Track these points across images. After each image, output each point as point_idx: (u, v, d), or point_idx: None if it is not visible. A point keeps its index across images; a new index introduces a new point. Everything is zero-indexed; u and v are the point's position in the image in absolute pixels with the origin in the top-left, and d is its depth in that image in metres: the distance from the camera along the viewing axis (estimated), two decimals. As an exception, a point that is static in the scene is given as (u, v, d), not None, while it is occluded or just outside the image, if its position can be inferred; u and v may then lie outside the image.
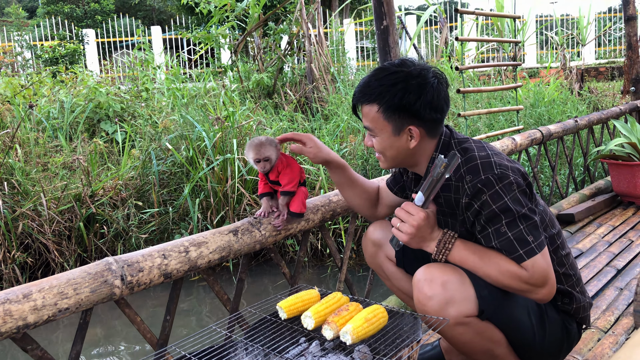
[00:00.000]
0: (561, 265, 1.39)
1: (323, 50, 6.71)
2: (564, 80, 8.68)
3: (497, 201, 1.23)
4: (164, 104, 5.89)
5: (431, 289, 1.25)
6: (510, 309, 1.30)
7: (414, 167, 1.42)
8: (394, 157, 1.37)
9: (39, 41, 12.55)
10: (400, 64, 1.31)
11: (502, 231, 1.23)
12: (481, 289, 1.27)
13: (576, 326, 1.43)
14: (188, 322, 3.66)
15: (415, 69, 1.29)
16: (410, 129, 1.31)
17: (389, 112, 1.29)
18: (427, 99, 1.28)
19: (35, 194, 4.21)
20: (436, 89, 1.29)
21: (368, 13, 15.93)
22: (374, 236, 1.62)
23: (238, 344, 1.32)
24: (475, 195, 1.26)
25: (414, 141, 1.33)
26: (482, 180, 1.24)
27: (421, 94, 1.27)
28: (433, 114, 1.30)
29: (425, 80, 1.28)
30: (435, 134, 1.35)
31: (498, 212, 1.23)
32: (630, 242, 2.86)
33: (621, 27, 12.95)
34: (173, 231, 4.29)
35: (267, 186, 1.65)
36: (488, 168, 1.26)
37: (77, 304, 1.22)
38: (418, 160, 1.38)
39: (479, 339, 1.28)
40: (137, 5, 23.06)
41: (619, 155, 3.49)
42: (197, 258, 1.47)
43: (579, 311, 1.40)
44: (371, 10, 2.70)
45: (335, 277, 4.13)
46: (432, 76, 1.30)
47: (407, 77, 1.28)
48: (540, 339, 1.33)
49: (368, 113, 1.33)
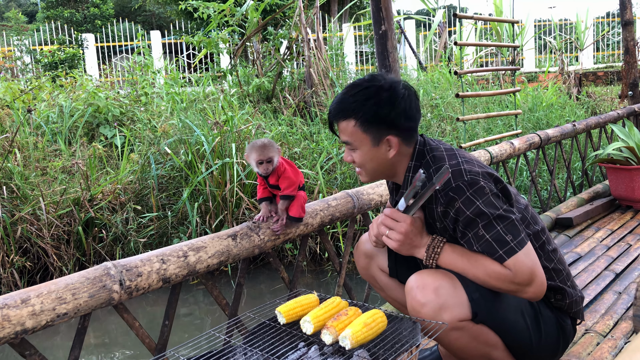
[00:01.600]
0: (549, 260, 1.41)
1: (322, 54, 6.73)
2: (562, 84, 8.71)
3: (469, 207, 1.27)
4: (163, 108, 5.90)
5: (424, 295, 1.26)
6: (503, 310, 1.31)
7: (393, 177, 1.46)
8: (374, 169, 1.41)
9: (38, 45, 12.57)
10: (370, 79, 1.37)
11: (480, 234, 1.27)
12: (472, 292, 1.28)
13: (570, 321, 1.44)
14: (187, 327, 3.65)
15: (385, 82, 1.36)
16: (389, 138, 1.36)
17: (366, 125, 1.34)
18: (401, 109, 1.34)
19: (34, 198, 4.21)
20: (407, 99, 1.35)
21: (367, 18, 16.00)
22: (366, 247, 1.62)
23: (237, 348, 1.32)
24: (449, 204, 1.29)
25: (392, 150, 1.37)
26: (453, 188, 1.28)
27: (394, 104, 1.33)
28: (408, 123, 1.36)
29: (396, 92, 1.34)
30: (410, 142, 1.40)
31: (473, 216, 1.27)
32: (628, 246, 2.87)
33: (619, 31, 13.00)
34: (172, 235, 4.29)
35: (266, 191, 1.65)
36: (458, 176, 1.29)
37: (75, 309, 1.22)
38: (396, 170, 1.43)
39: (475, 343, 1.29)
40: (137, 10, 23.13)
41: (617, 159, 3.50)
42: (196, 263, 1.47)
43: (572, 306, 1.42)
44: (370, 15, 2.71)
45: (334, 281, 4.12)
46: (402, 88, 1.36)
47: (378, 91, 1.34)
48: (536, 339, 1.34)
49: (346, 128, 1.37)
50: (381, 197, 2.12)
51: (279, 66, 7.06)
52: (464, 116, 3.18)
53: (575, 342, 1.84)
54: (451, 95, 6.67)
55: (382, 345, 1.25)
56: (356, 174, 1.44)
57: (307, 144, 5.16)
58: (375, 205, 2.10)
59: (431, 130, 5.85)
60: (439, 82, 7.44)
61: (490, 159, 2.94)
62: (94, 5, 19.20)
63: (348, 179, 4.66)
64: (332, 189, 4.54)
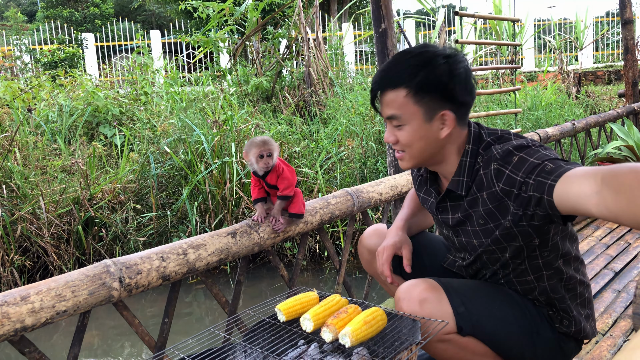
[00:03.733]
0: (577, 271, 1.32)
1: (321, 54, 6.73)
2: (561, 84, 8.72)
3: (533, 155, 1.09)
4: (163, 107, 5.90)
5: (409, 307, 1.25)
6: (492, 325, 1.26)
7: (439, 164, 1.26)
8: (422, 149, 1.21)
9: (38, 45, 12.56)
10: (423, 46, 1.19)
11: (548, 169, 1.04)
12: (458, 306, 1.24)
13: (574, 343, 1.36)
14: (186, 325, 3.65)
15: (440, 50, 1.17)
16: (444, 114, 1.17)
17: (420, 95, 1.15)
18: (461, 78, 1.15)
19: (34, 197, 4.21)
20: (468, 70, 1.18)
21: (367, 17, 16.00)
22: (370, 243, 1.59)
23: (236, 346, 1.32)
24: (504, 159, 1.13)
25: (446, 129, 1.18)
26: (514, 145, 1.14)
27: (453, 73, 1.15)
28: (467, 97, 1.18)
29: (456, 60, 1.16)
30: (464, 123, 1.22)
31: (537, 161, 1.06)
32: (627, 245, 2.87)
33: (618, 31, 13.01)
34: (171, 234, 4.29)
35: (261, 191, 1.65)
36: (522, 141, 1.16)
37: (75, 307, 1.22)
38: (446, 155, 1.23)
39: (463, 354, 1.26)
40: (137, 9, 23.12)
41: (617, 158, 3.51)
42: (196, 260, 1.47)
43: (579, 333, 1.33)
44: (369, 14, 2.70)
45: (334, 279, 4.12)
46: (462, 58, 1.18)
47: (435, 57, 1.15)
48: (530, 354, 1.29)
49: (394, 100, 1.18)
50: (381, 195, 2.12)
51: (278, 65, 7.06)
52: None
53: (574, 340, 1.85)
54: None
55: (382, 343, 1.25)
56: (396, 158, 1.27)
57: (306, 143, 5.16)
58: (375, 204, 2.10)
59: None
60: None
61: (489, 157, 2.93)
62: (93, 4, 19.19)
63: (347, 178, 4.66)
64: (332, 188, 4.54)
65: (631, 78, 5.02)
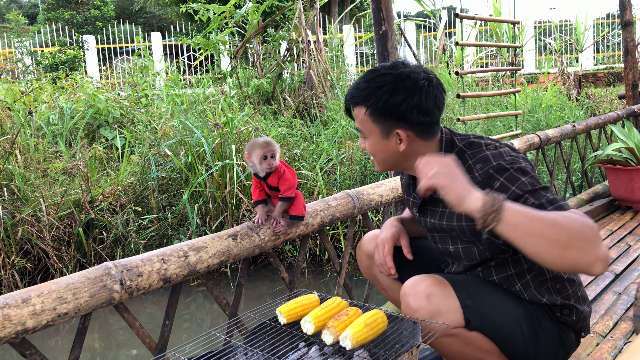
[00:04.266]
0: None
1: (322, 56, 6.74)
2: (561, 85, 8.72)
3: (514, 182, 1.16)
4: (163, 110, 5.91)
5: (416, 302, 1.25)
6: (498, 319, 1.27)
7: (409, 169, 1.36)
8: (385, 160, 1.33)
9: (39, 47, 12.59)
10: (391, 67, 1.27)
11: (530, 203, 1.12)
12: (465, 299, 1.25)
13: (574, 335, 1.39)
14: (187, 327, 3.65)
15: (404, 71, 1.25)
16: (398, 132, 1.27)
17: (375, 115, 1.26)
18: (415, 102, 1.23)
19: (35, 200, 4.21)
20: (426, 91, 1.24)
21: (367, 19, 16.03)
22: (368, 248, 1.59)
23: (237, 349, 1.32)
24: (487, 182, 1.18)
25: (403, 145, 1.28)
26: (494, 166, 1.19)
27: (408, 96, 1.23)
28: (421, 117, 1.25)
29: (414, 83, 1.23)
30: (428, 136, 1.29)
31: (519, 190, 1.15)
32: (628, 247, 2.87)
33: (619, 32, 13.01)
34: (172, 237, 4.29)
35: (262, 193, 1.65)
36: (499, 156, 1.22)
37: (76, 309, 1.23)
38: (412, 163, 1.29)
39: (469, 349, 1.27)
40: (138, 11, 23.17)
41: (617, 160, 3.51)
42: (196, 262, 1.47)
43: (579, 322, 1.37)
44: (370, 16, 2.71)
45: (334, 281, 4.12)
46: (423, 79, 1.25)
47: (395, 80, 1.24)
48: (533, 349, 1.30)
49: (357, 115, 1.30)
50: (381, 197, 2.13)
51: (279, 68, 7.07)
52: (464, 117, 3.18)
53: (575, 343, 1.84)
54: (451, 96, 6.68)
55: (383, 345, 1.25)
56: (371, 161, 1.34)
57: (306, 145, 5.17)
58: (375, 206, 2.10)
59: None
60: (438, 83, 7.44)
61: (490, 159, 2.94)
62: (94, 7, 19.24)
63: (348, 180, 4.66)
64: (332, 190, 4.54)
65: (631, 80, 5.03)
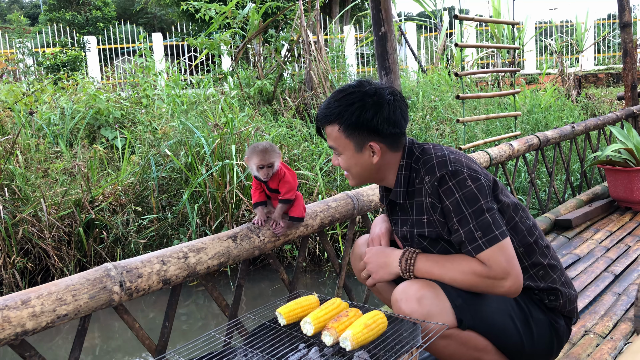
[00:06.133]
0: (544, 256, 1.41)
1: (322, 57, 6.74)
2: (560, 86, 8.72)
3: (449, 197, 1.30)
4: (164, 110, 5.91)
5: (408, 306, 1.27)
6: (490, 315, 1.31)
7: (381, 181, 1.46)
8: (360, 173, 1.42)
9: (40, 48, 12.60)
10: (357, 85, 1.38)
11: (455, 228, 1.30)
12: (455, 299, 1.29)
13: (564, 321, 1.44)
14: (187, 329, 3.65)
15: (371, 88, 1.36)
16: (371, 145, 1.37)
17: (348, 131, 1.35)
18: (384, 116, 1.34)
19: (36, 200, 4.22)
20: (392, 105, 1.35)
21: (368, 20, 16.02)
22: (362, 251, 1.61)
23: (237, 350, 1.33)
24: (434, 194, 1.32)
25: (376, 157, 1.38)
26: (437, 177, 1.31)
27: (378, 111, 1.34)
28: (391, 129, 1.36)
29: (381, 98, 1.34)
30: (397, 147, 1.41)
31: (450, 207, 1.30)
32: (627, 248, 2.87)
33: (620, 33, 12.99)
34: (172, 237, 4.30)
35: (262, 195, 1.65)
36: (443, 165, 1.32)
37: (75, 310, 1.23)
38: (384, 174, 1.43)
39: (464, 349, 1.29)
40: (139, 12, 23.19)
41: (616, 160, 3.51)
42: (196, 264, 1.48)
43: (566, 305, 1.43)
44: (370, 17, 2.72)
45: (334, 282, 4.12)
46: (388, 94, 1.36)
47: (363, 96, 1.34)
48: (528, 341, 1.34)
49: (330, 133, 1.39)
50: (381, 198, 2.13)
51: (279, 68, 7.07)
52: (464, 118, 3.19)
53: (574, 344, 1.85)
54: (450, 97, 6.68)
55: (383, 346, 1.26)
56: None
57: (306, 145, 5.17)
58: (375, 207, 2.10)
59: (430, 132, 5.86)
60: (438, 84, 7.45)
61: (489, 160, 2.94)
62: (96, 7, 19.26)
63: (347, 180, 4.66)
64: (332, 190, 4.54)
65: (630, 81, 5.03)
